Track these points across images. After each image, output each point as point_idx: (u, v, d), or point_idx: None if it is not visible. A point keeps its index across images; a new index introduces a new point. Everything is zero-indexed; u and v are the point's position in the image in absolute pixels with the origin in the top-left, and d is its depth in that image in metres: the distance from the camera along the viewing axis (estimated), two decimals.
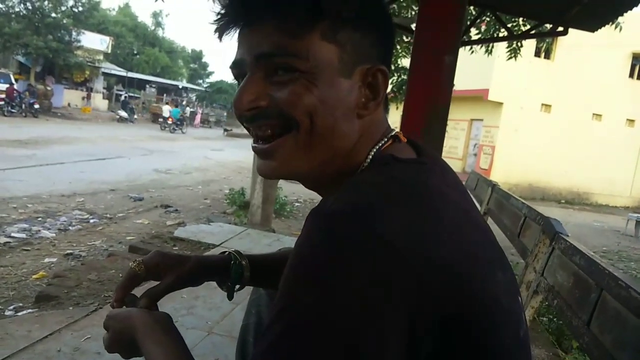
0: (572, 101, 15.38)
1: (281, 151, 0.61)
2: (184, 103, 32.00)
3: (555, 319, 3.37)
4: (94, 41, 26.88)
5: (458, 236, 0.54)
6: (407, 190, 0.55)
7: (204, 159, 12.65)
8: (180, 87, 40.55)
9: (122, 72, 32.15)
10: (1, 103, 17.63)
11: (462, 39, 4.00)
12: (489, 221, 4.04)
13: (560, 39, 9.79)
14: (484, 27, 6.48)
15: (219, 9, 0.60)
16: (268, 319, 0.49)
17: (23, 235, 4.25)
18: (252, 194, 5.32)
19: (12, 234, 4.23)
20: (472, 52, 6.70)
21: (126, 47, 38.25)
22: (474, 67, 11.25)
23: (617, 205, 16.61)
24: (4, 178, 6.62)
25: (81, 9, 25.04)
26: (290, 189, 7.45)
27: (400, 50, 7.44)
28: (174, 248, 3.97)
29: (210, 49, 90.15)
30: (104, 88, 30.67)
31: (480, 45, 6.60)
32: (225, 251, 0.90)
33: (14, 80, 20.50)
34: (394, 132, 0.67)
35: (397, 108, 7.99)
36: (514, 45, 6.63)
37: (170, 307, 2.57)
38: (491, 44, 7.32)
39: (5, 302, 2.87)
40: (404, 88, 6.78)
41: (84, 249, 4.09)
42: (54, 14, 23.43)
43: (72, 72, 25.94)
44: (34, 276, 3.33)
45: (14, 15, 22.35)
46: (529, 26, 5.18)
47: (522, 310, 0.63)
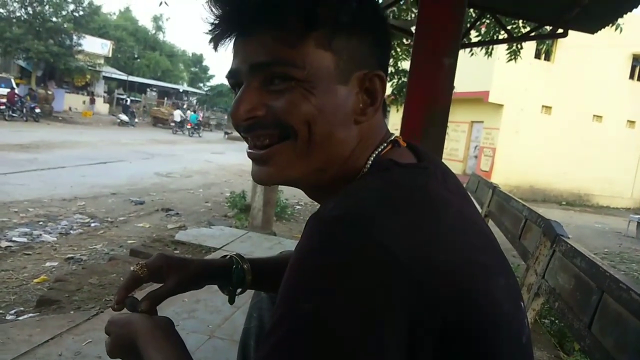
0: (572, 103, 15.38)
1: (277, 158, 0.61)
2: (184, 106, 32.07)
3: (557, 321, 3.36)
4: (94, 45, 27.03)
5: (459, 242, 0.54)
6: (407, 195, 0.55)
7: (204, 162, 12.65)
8: (181, 90, 40.71)
9: (122, 76, 32.29)
10: (2, 107, 17.68)
11: (462, 41, 4.00)
12: (489, 224, 4.04)
13: (561, 40, 9.79)
14: (483, 30, 6.47)
15: (212, 19, 0.59)
16: (269, 324, 0.49)
17: (24, 240, 4.26)
18: (253, 197, 5.32)
19: (14, 238, 4.24)
20: (472, 54, 6.70)
21: (127, 51, 38.40)
22: (474, 69, 11.27)
23: (618, 207, 16.60)
24: (5, 182, 6.63)
25: (82, 13, 25.13)
26: (291, 192, 7.45)
27: (400, 53, 7.43)
28: (175, 251, 3.97)
29: (210, 53, 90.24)
30: (105, 92, 30.79)
31: (480, 48, 6.59)
32: (227, 255, 0.89)
33: (15, 85, 20.56)
34: (393, 136, 0.67)
35: (397, 110, 8.00)
36: (514, 47, 6.63)
37: (172, 310, 2.57)
38: (491, 46, 7.31)
39: (6, 306, 2.88)
40: (404, 90, 6.78)
41: (85, 253, 4.09)
42: (54, 19, 23.55)
43: (73, 76, 26.08)
44: (35, 280, 3.34)
45: (15, 20, 22.45)
46: (528, 28, 5.18)
47: (524, 315, 0.62)
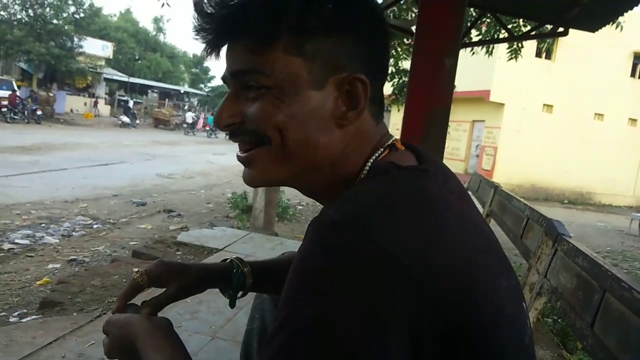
0: (573, 101, 15.36)
1: (257, 161, 0.63)
2: (186, 107, 32.09)
3: (559, 320, 3.35)
4: (95, 47, 27.08)
5: (460, 243, 0.54)
6: (408, 198, 0.55)
7: (206, 163, 12.66)
8: (182, 91, 40.73)
9: (124, 78, 32.32)
10: (4, 110, 17.71)
11: (463, 40, 4.00)
12: (491, 223, 4.03)
13: (561, 39, 9.77)
14: (484, 29, 6.47)
15: (196, 27, 0.60)
16: (272, 326, 0.50)
17: (27, 242, 4.26)
18: (254, 198, 5.32)
19: (16, 241, 4.25)
20: (472, 53, 6.70)
21: (128, 52, 38.42)
22: (475, 69, 11.25)
23: (620, 205, 16.57)
24: (7, 184, 6.64)
25: (82, 15, 25.21)
26: (292, 192, 7.41)
27: (400, 53, 7.44)
28: (177, 253, 3.98)
29: None
30: (106, 94, 30.84)
31: (481, 47, 6.59)
32: (227, 258, 0.90)
33: (16, 87, 20.60)
34: (391, 140, 0.66)
35: (398, 110, 8.00)
36: (515, 46, 6.62)
37: (174, 311, 2.57)
38: (492, 45, 7.30)
39: (9, 308, 2.88)
40: (405, 90, 6.77)
41: (87, 255, 4.10)
42: (55, 21, 23.61)
43: (74, 78, 26.13)
44: (38, 282, 3.34)
45: (16, 23, 22.54)
46: (529, 27, 5.17)
47: (526, 316, 0.62)
